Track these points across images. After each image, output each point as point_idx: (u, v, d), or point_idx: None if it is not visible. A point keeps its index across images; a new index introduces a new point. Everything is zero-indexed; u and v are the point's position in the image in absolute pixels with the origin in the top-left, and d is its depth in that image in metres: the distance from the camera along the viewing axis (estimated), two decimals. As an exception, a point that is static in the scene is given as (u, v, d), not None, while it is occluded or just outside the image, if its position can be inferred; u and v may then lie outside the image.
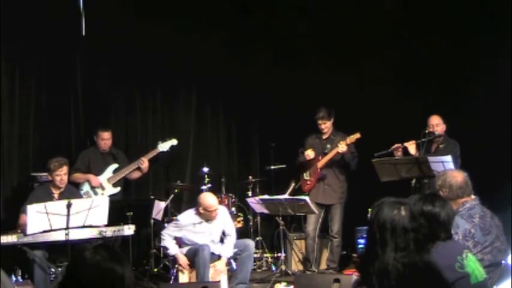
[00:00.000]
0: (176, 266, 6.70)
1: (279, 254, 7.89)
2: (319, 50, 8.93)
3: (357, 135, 7.45)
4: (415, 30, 8.32)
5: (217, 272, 6.59)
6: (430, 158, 6.58)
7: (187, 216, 6.77)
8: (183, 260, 6.58)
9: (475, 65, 7.75)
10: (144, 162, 7.66)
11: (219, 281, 6.31)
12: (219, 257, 6.68)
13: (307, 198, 7.23)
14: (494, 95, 7.45)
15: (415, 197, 3.57)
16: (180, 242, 6.78)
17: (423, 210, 3.34)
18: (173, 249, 6.65)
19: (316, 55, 8.93)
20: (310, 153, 7.61)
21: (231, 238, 6.79)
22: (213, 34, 8.86)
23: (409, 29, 8.34)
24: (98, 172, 7.59)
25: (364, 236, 7.63)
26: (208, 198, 6.67)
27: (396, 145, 7.14)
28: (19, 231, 6.26)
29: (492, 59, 7.55)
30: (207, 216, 6.64)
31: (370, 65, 8.61)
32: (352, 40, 8.69)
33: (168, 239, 6.68)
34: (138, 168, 7.71)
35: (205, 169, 8.36)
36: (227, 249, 6.71)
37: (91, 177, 7.52)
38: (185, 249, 6.69)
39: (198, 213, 6.69)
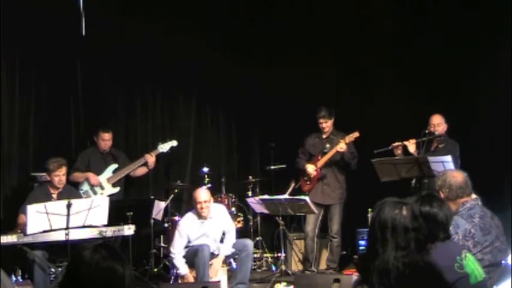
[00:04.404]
0: (176, 271, 6.72)
1: (279, 254, 7.88)
2: (319, 50, 8.93)
3: (356, 134, 7.45)
4: (415, 30, 8.32)
5: (213, 270, 6.56)
6: (430, 158, 6.58)
7: (188, 219, 6.77)
8: (191, 279, 6.58)
9: (476, 65, 7.75)
10: (151, 157, 7.67)
11: (219, 281, 6.31)
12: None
13: (307, 198, 7.22)
14: (495, 94, 7.46)
15: (412, 198, 3.56)
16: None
17: (421, 211, 3.34)
18: (183, 269, 6.59)
19: (316, 55, 8.93)
20: (310, 170, 7.62)
21: (230, 235, 6.79)
22: (213, 34, 8.85)
23: (410, 29, 8.34)
24: (98, 172, 7.59)
25: (365, 237, 7.63)
26: (198, 192, 6.72)
27: (396, 143, 7.15)
28: (19, 231, 6.26)
29: (493, 58, 7.55)
30: (203, 210, 6.64)
31: (371, 65, 8.61)
32: (352, 40, 8.69)
33: (178, 258, 6.63)
34: (145, 164, 7.71)
35: (205, 169, 8.36)
36: (226, 247, 6.71)
37: (90, 175, 7.52)
38: (186, 249, 6.68)
39: (196, 212, 6.70)
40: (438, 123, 7.15)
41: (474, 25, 7.81)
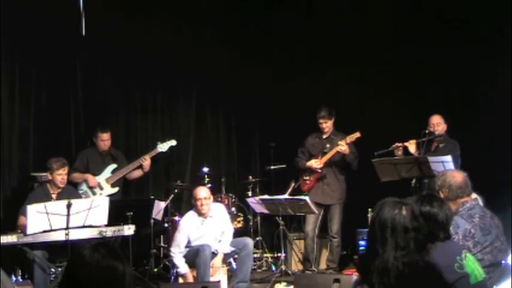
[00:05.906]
0: (176, 270, 6.72)
1: (279, 254, 7.88)
2: (319, 51, 8.93)
3: (357, 134, 7.44)
4: (415, 31, 8.32)
5: (215, 269, 6.56)
6: (430, 158, 6.58)
7: (188, 218, 6.76)
8: (190, 278, 6.58)
9: (476, 65, 7.74)
10: (146, 160, 7.67)
11: (219, 281, 6.31)
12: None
13: (307, 198, 7.22)
14: (495, 94, 7.45)
15: (412, 198, 3.56)
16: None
17: (421, 210, 3.33)
18: (183, 268, 6.58)
19: (316, 56, 8.93)
20: (314, 164, 7.61)
21: (227, 235, 6.79)
22: (214, 35, 8.86)
23: (410, 29, 8.33)
24: (97, 172, 7.59)
25: (365, 237, 7.62)
26: (198, 189, 6.74)
27: (396, 144, 7.15)
28: (19, 231, 6.27)
29: (493, 58, 7.54)
30: (203, 207, 6.63)
31: (371, 66, 8.61)
32: (353, 41, 8.68)
33: (178, 257, 6.62)
34: (140, 167, 7.71)
35: (205, 169, 8.36)
36: (224, 245, 6.71)
37: (89, 177, 7.51)
38: (186, 249, 6.68)
39: (197, 211, 6.70)
40: (437, 123, 7.16)
41: (474, 25, 7.81)
